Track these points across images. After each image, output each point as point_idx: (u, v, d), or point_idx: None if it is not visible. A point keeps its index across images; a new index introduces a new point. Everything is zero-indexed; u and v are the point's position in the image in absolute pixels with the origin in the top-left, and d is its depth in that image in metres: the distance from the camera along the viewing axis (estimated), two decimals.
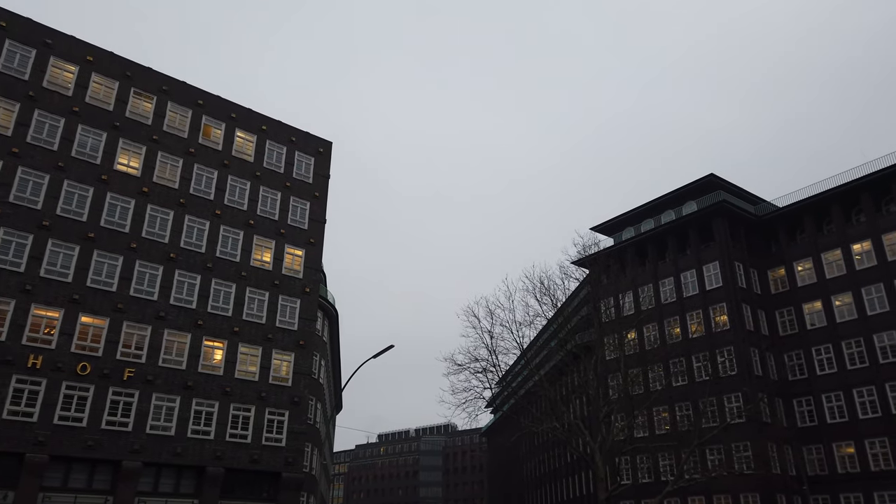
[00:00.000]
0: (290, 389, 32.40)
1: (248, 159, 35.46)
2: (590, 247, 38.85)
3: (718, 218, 45.28)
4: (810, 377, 41.51)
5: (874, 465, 37.24)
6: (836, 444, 39.31)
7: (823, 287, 42.40)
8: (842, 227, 42.54)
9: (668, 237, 48.54)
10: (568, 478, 58.15)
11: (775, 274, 45.59)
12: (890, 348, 38.16)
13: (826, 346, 41.25)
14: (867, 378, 38.70)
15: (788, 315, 44.00)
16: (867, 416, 38.26)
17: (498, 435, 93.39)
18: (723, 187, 47.23)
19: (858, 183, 41.89)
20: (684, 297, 45.80)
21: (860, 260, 41.06)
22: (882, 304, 39.19)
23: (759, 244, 47.04)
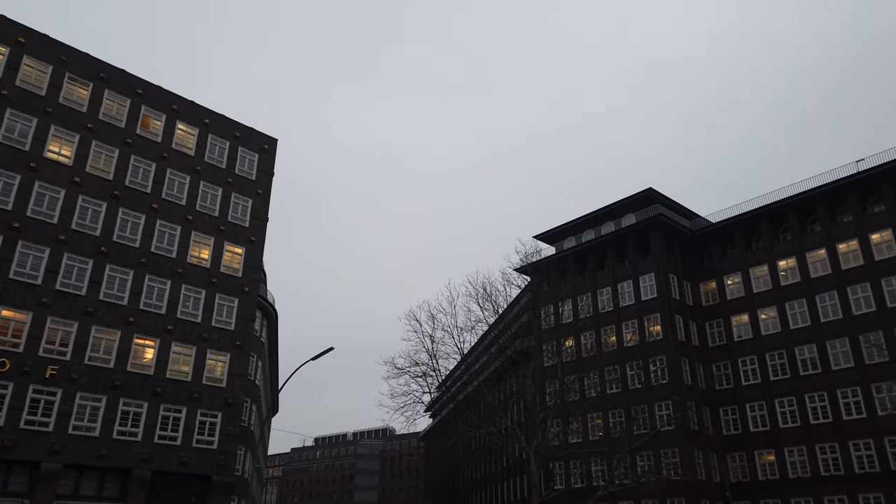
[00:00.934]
0: (225, 391, 31.60)
1: (189, 153, 34.47)
2: (532, 255, 39.53)
3: (655, 231, 46.76)
4: (736, 387, 43.29)
5: (792, 473, 39.11)
6: (758, 451, 41.11)
7: (750, 301, 44.34)
8: (769, 244, 44.61)
9: (608, 248, 49.81)
10: (503, 482, 58.74)
11: (707, 287, 47.39)
12: (810, 361, 40.20)
13: (751, 358, 43.13)
14: (788, 389, 40.65)
15: (718, 327, 45.80)
16: (787, 425, 40.17)
17: (436, 439, 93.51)
18: (660, 201, 48.83)
19: (784, 203, 44.06)
20: (621, 306, 47.05)
21: (785, 276, 43.13)
22: (804, 319, 41.26)
23: (693, 258, 48.82)
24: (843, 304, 39.67)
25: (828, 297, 40.56)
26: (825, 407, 38.79)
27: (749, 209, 45.83)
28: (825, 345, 39.72)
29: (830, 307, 40.29)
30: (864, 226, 40.25)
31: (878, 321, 37.79)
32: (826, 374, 39.19)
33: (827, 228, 41.96)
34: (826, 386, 38.98)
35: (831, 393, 38.67)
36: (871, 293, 38.68)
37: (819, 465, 38.04)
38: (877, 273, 38.75)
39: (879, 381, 36.84)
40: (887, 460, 35.50)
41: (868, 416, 36.79)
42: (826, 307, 40.49)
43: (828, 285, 40.72)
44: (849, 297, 39.57)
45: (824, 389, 39.02)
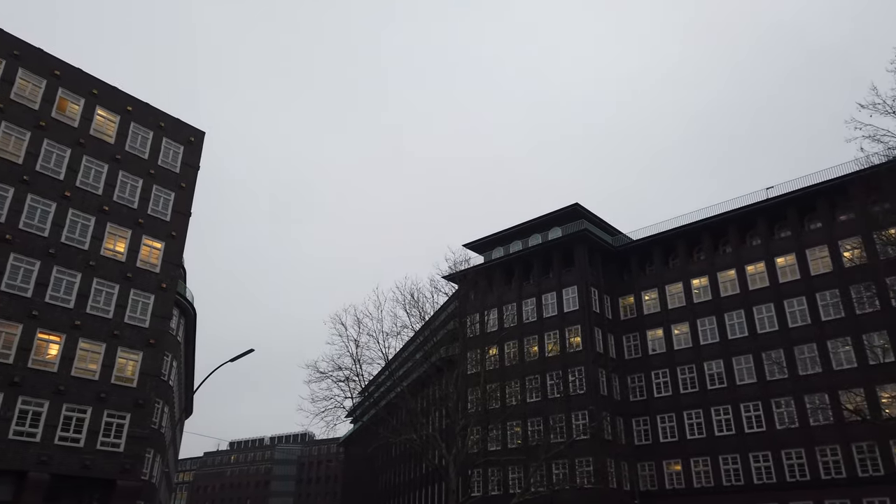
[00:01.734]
0: (135, 391, 30.19)
1: (109, 140, 32.88)
2: (461, 263, 39.91)
3: (579, 245, 48.17)
4: (649, 399, 45.07)
5: (696, 482, 41.03)
6: (667, 461, 42.91)
7: (665, 316, 46.33)
8: (685, 263, 46.81)
9: (534, 259, 50.89)
10: (422, 489, 58.73)
11: (625, 301, 49.18)
12: (717, 375, 42.36)
13: (664, 371, 45.02)
14: (696, 402, 42.68)
15: (634, 340, 47.58)
16: (694, 436, 42.14)
17: (356, 445, 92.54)
18: (586, 217, 50.36)
19: (699, 225, 46.37)
20: (544, 317, 48.13)
21: (698, 294, 45.35)
22: (713, 336, 43.47)
23: (614, 272, 50.57)
24: (748, 323, 42.04)
25: (735, 316, 42.90)
26: (729, 420, 40.93)
27: (667, 229, 47.95)
28: (731, 361, 41.97)
29: (737, 325, 42.62)
30: (770, 250, 42.85)
31: (779, 340, 40.25)
32: (731, 389, 41.38)
33: (737, 250, 44.43)
34: (731, 400, 41.15)
35: (735, 407, 40.86)
36: (774, 313, 41.19)
37: (721, 476, 40.06)
38: (780, 295, 41.31)
39: (779, 396, 39.21)
40: (783, 472, 37.78)
41: (768, 430, 39.08)
42: (734, 325, 42.81)
43: (736, 304, 43.07)
44: (754, 316, 41.98)
45: (729, 403, 41.19)
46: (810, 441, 37.13)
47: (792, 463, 37.70)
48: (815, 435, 36.99)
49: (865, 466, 35.10)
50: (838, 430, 36.02)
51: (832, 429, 36.24)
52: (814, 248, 40.95)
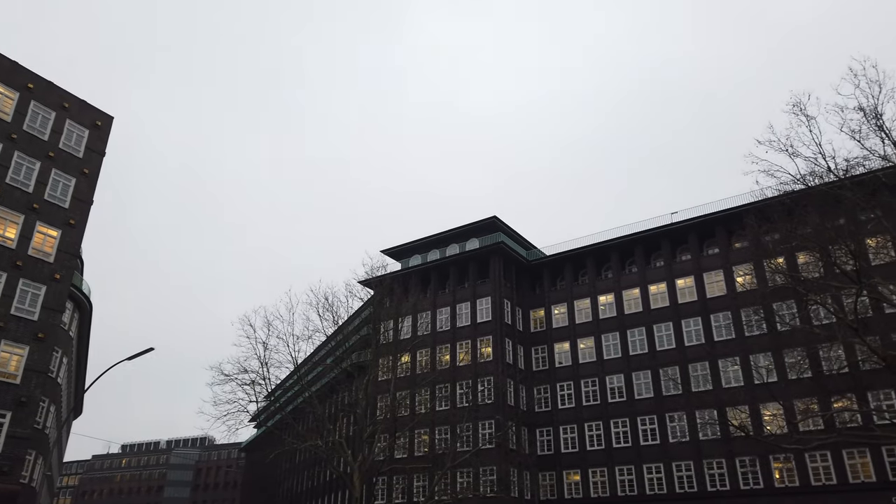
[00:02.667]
0: (18, 388, 28.09)
1: (5, 118, 30.59)
2: (378, 269, 39.80)
3: (495, 257, 49.12)
4: (553, 410, 46.42)
5: (594, 493, 42.56)
6: (567, 471, 44.28)
7: (573, 330, 47.95)
8: (593, 280, 48.67)
9: (451, 269, 51.41)
10: (325, 497, 57.75)
11: (536, 314, 50.54)
12: (617, 389, 44.21)
13: (569, 383, 46.52)
14: (597, 415, 44.35)
15: (542, 352, 48.92)
16: (594, 447, 43.73)
17: (258, 451, 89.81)
18: (503, 230, 51.43)
19: (608, 244, 48.41)
20: (458, 326, 48.68)
21: (604, 310, 47.23)
22: (616, 351, 45.39)
23: (527, 285, 51.87)
24: (649, 340, 44.19)
25: (637, 333, 44.99)
26: (627, 432, 42.77)
27: (578, 246, 49.75)
28: (631, 375, 43.93)
29: (639, 342, 44.70)
30: (672, 271, 45.28)
31: (676, 357, 42.52)
32: (629, 403, 43.30)
33: (642, 270, 46.66)
34: (629, 413, 43.04)
35: (633, 420, 42.77)
36: (672, 332, 43.51)
37: (617, 486, 41.75)
38: (678, 314, 43.71)
39: (672, 411, 41.39)
40: (674, 483, 39.84)
41: (661, 443, 41.13)
42: (635, 341, 44.87)
43: (638, 322, 45.18)
44: (654, 334, 44.18)
45: (627, 416, 43.06)
46: (699, 454, 39.38)
47: (682, 475, 39.82)
48: (703, 449, 39.26)
49: (747, 479, 37.58)
50: (724, 445, 38.40)
51: (719, 443, 38.58)
52: (711, 272, 43.63)
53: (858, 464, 34.75)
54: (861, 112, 21.83)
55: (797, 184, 23.03)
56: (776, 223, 24.78)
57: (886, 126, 21.52)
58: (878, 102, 21.44)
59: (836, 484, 34.92)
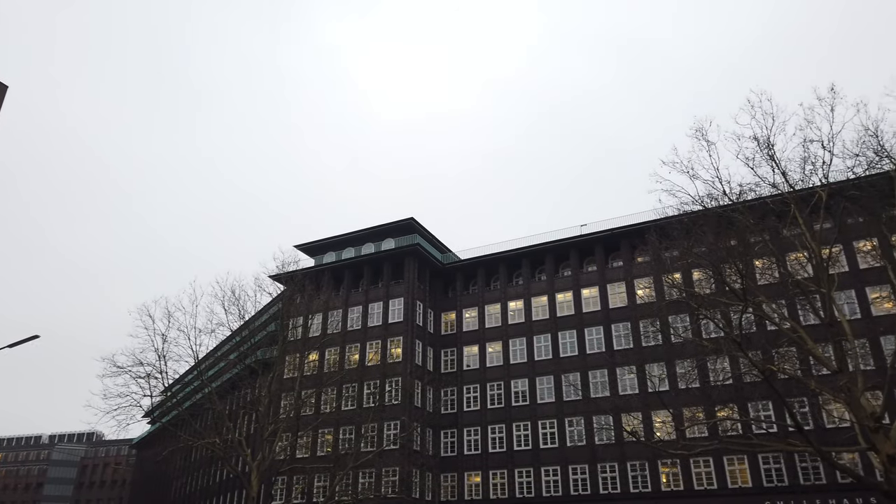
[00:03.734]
0: None
1: None
2: (290, 264, 39.02)
3: (410, 259, 49.26)
4: (458, 412, 47.03)
5: (493, 494, 43.42)
6: (468, 473, 44.95)
7: (482, 334, 48.80)
8: (504, 286, 49.76)
9: (365, 268, 51.10)
10: (220, 496, 55.83)
11: (447, 317, 51.07)
12: (521, 393, 45.36)
13: (475, 386, 47.29)
14: (501, 417, 45.32)
15: (451, 355, 49.48)
16: (496, 450, 44.64)
17: (151, 447, 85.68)
18: (420, 232, 51.66)
19: (520, 251, 49.64)
20: (369, 326, 48.44)
21: (513, 315, 48.38)
22: (522, 356, 46.56)
23: (440, 288, 52.33)
24: (553, 347, 45.64)
25: (543, 339, 46.37)
26: (528, 435, 43.95)
27: (492, 252, 50.74)
28: (535, 380, 45.22)
29: (544, 348, 46.08)
30: (578, 281, 46.99)
31: (578, 364, 44.13)
32: (532, 407, 44.54)
33: (550, 279, 48.14)
34: (531, 417, 44.26)
35: (534, 423, 44.01)
36: (575, 339, 45.14)
37: (516, 488, 42.80)
38: (582, 323, 45.41)
39: (572, 416, 42.92)
40: (569, 485, 41.28)
41: (560, 446, 42.55)
42: (540, 347, 46.23)
43: (544, 328, 46.59)
44: (559, 340, 45.69)
45: (529, 420, 44.26)
46: (594, 458, 41.03)
47: (577, 478, 41.34)
48: (598, 452, 40.94)
49: (637, 483, 39.51)
50: (618, 449, 40.21)
51: (613, 448, 40.36)
52: (614, 284, 45.62)
53: (737, 470, 37.32)
54: (755, 141, 23.62)
55: (696, 204, 24.56)
56: (675, 240, 26.30)
57: (777, 156, 23.37)
58: (771, 133, 23.26)
59: (717, 489, 37.34)
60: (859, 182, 23.01)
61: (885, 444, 19.76)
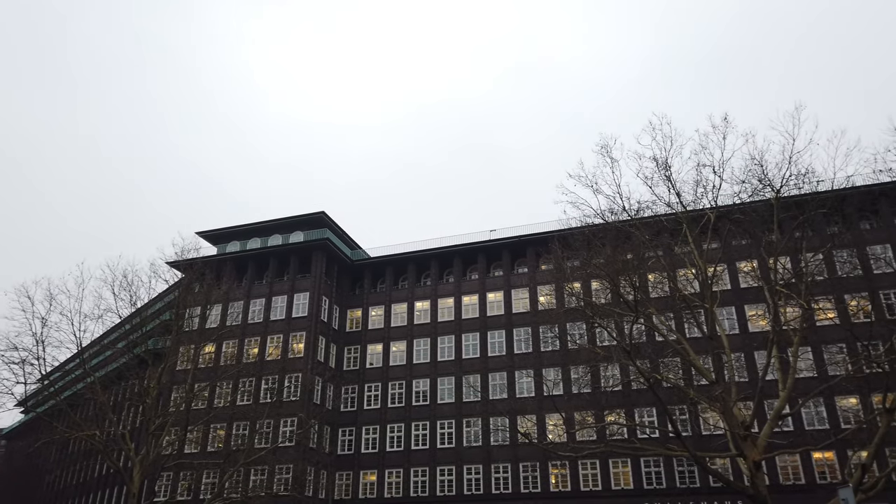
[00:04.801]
0: None
1: None
2: (190, 251, 37.35)
3: (319, 253, 48.49)
4: (358, 410, 46.73)
5: (388, 493, 43.43)
6: (364, 471, 44.74)
7: (387, 333, 48.74)
8: (412, 286, 49.93)
9: (271, 260, 49.81)
10: (98, 492, 52.67)
11: (353, 314, 50.64)
12: (422, 393, 45.65)
13: (377, 385, 47.15)
14: (400, 416, 45.42)
15: (355, 352, 49.09)
16: (393, 449, 44.68)
17: (23, 438, 79.62)
18: (330, 227, 50.93)
19: (429, 252, 50.02)
20: (271, 320, 47.24)
21: (419, 316, 48.62)
22: (426, 356, 46.85)
23: (348, 285, 51.82)
24: (456, 348, 46.26)
25: (447, 340, 46.91)
26: (426, 435, 44.27)
27: (402, 252, 50.82)
28: (437, 381, 45.65)
29: (447, 349, 46.62)
30: (484, 285, 47.88)
31: (479, 366, 44.94)
32: (432, 407, 44.93)
33: (458, 281, 48.79)
34: (430, 416, 44.63)
35: (433, 423, 44.41)
36: (478, 342, 45.97)
37: (411, 487, 43.01)
38: (486, 326, 46.31)
39: (470, 416, 43.64)
40: (463, 485, 41.92)
41: (456, 446, 43.14)
42: (444, 348, 46.74)
43: (449, 330, 47.14)
44: (462, 342, 46.36)
45: (428, 420, 44.62)
46: (489, 459, 41.91)
47: (471, 477, 42.07)
48: (492, 453, 41.85)
49: (528, 483, 40.69)
50: (511, 451, 41.27)
51: (507, 449, 41.39)
52: (518, 289, 46.84)
53: (621, 472, 39.23)
54: (655, 162, 24.98)
55: (597, 218, 25.68)
56: (577, 251, 27.37)
57: (673, 177, 24.82)
58: (669, 155, 24.68)
59: (602, 489, 39.10)
60: (744, 207, 24.81)
61: (752, 451, 21.39)
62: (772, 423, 22.15)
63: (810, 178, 22.77)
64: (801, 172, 22.74)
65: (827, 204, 23.38)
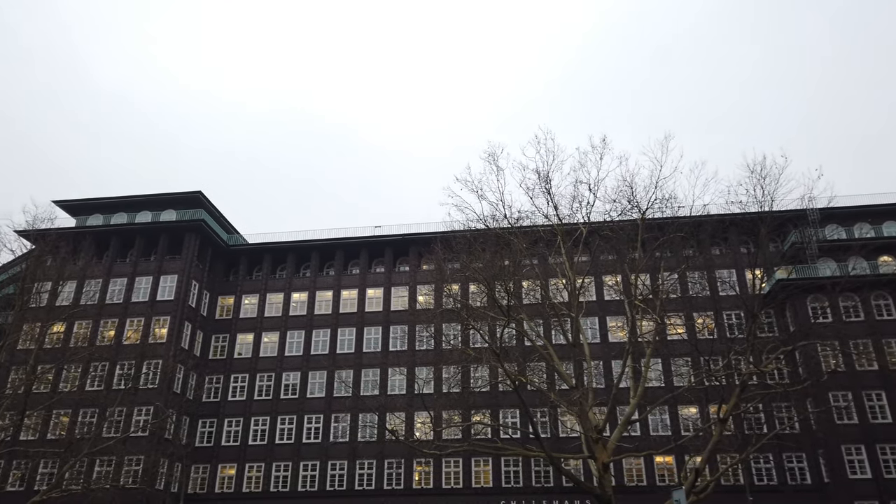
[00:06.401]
0: None
1: None
2: (44, 221, 34.17)
3: (192, 235, 46.06)
4: (222, 401, 44.85)
5: (247, 487, 42.03)
6: (223, 465, 43.00)
7: (259, 323, 47.18)
8: (290, 276, 48.68)
9: (138, 237, 46.73)
10: None
11: (225, 301, 48.54)
12: (292, 386, 44.58)
13: (244, 376, 45.50)
14: (267, 409, 44.09)
15: (223, 341, 47.07)
16: (256, 442, 43.27)
17: None
18: (207, 208, 48.49)
19: (310, 244, 49.02)
20: (132, 301, 44.32)
21: (295, 307, 47.49)
22: (298, 349, 45.80)
23: (221, 271, 49.62)
24: (331, 342, 45.66)
25: (322, 334, 46.18)
26: (293, 429, 43.31)
27: (281, 240, 49.44)
28: (308, 374, 44.83)
29: (322, 342, 45.90)
30: (365, 280, 47.66)
31: (353, 362, 44.62)
32: (301, 401, 44.03)
33: (338, 275, 48.21)
34: (298, 411, 43.71)
35: (300, 417, 43.54)
36: (354, 337, 45.64)
37: (272, 482, 41.88)
38: (363, 322, 46.09)
39: (339, 412, 43.23)
40: (326, 481, 41.40)
41: (323, 441, 42.53)
42: (318, 342, 45.98)
43: (325, 323, 46.43)
44: (338, 337, 45.84)
45: (296, 413, 43.68)
46: (354, 455, 41.69)
47: (336, 473, 41.68)
48: (359, 449, 41.66)
49: (391, 480, 40.93)
50: (378, 447, 41.28)
51: (373, 445, 41.34)
52: (398, 287, 47.06)
53: (482, 471, 40.48)
54: (537, 174, 26.08)
55: (479, 223, 26.39)
56: (458, 254, 27.96)
57: (552, 191, 26.01)
58: (550, 169, 25.86)
59: (463, 487, 40.14)
60: (613, 225, 26.48)
61: (602, 453, 22.83)
62: (621, 428, 23.78)
63: (672, 203, 24.75)
64: (665, 197, 24.65)
65: (685, 228, 25.50)
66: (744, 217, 24.66)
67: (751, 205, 23.26)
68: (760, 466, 38.53)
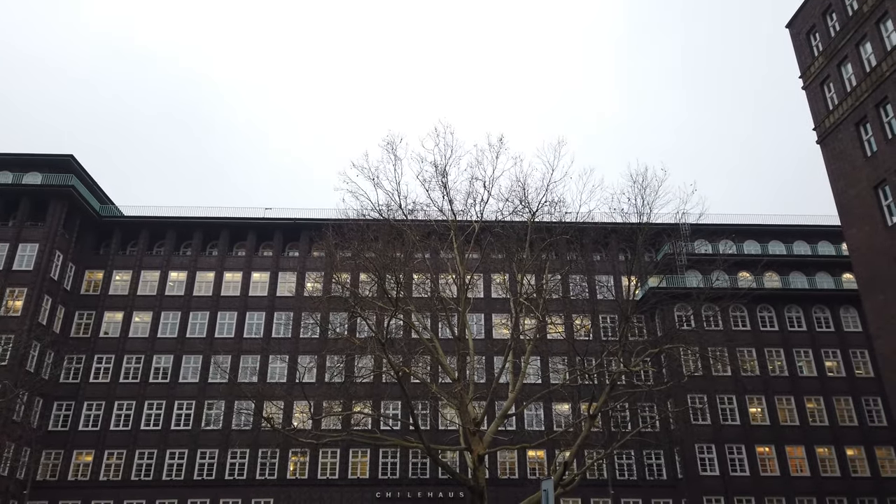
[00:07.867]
0: None
1: None
2: None
3: (59, 201, 42.35)
4: (82, 382, 41.64)
5: (105, 475, 39.31)
6: (79, 451, 39.93)
7: (131, 301, 44.18)
8: (169, 254, 45.94)
9: None
10: None
11: (93, 276, 45.07)
12: (164, 370, 42.16)
13: (109, 357, 42.44)
14: (133, 393, 41.40)
15: (88, 318, 43.67)
16: (118, 427, 40.52)
17: None
18: (78, 174, 44.66)
19: (194, 221, 46.46)
20: None
21: (172, 287, 44.87)
22: (173, 331, 43.36)
23: (92, 243, 46.00)
24: (210, 325, 43.55)
25: (201, 316, 43.97)
26: (160, 415, 40.96)
27: (162, 215, 46.59)
28: (182, 358, 42.57)
29: (199, 325, 43.72)
30: (251, 263, 45.87)
31: (233, 347, 42.78)
32: (172, 385, 41.68)
33: (222, 256, 46.07)
34: (169, 396, 41.36)
35: (170, 403, 41.30)
36: (235, 321, 43.84)
37: (133, 470, 39.40)
38: (246, 306, 44.39)
39: (214, 398, 41.33)
40: (194, 470, 39.55)
41: (193, 429, 40.49)
42: (196, 324, 43.75)
43: (205, 305, 44.28)
44: (217, 320, 43.83)
45: (166, 398, 41.32)
46: (227, 443, 40.02)
47: (205, 462, 39.88)
48: (232, 437, 39.96)
49: (264, 470, 39.73)
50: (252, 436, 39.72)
51: (247, 434, 39.78)
52: (286, 272, 45.72)
53: (359, 462, 40.25)
54: (434, 167, 26.17)
55: (374, 212, 26.13)
56: (350, 241, 27.50)
57: (449, 185, 26.20)
58: (448, 163, 26.03)
59: (338, 478, 39.71)
60: (504, 224, 27.11)
61: (479, 445, 23.34)
62: (498, 422, 24.43)
63: (560, 207, 25.69)
64: (554, 200, 25.55)
65: (570, 232, 26.55)
66: (623, 226, 26.00)
67: (631, 215, 24.60)
68: (623, 462, 41.02)
